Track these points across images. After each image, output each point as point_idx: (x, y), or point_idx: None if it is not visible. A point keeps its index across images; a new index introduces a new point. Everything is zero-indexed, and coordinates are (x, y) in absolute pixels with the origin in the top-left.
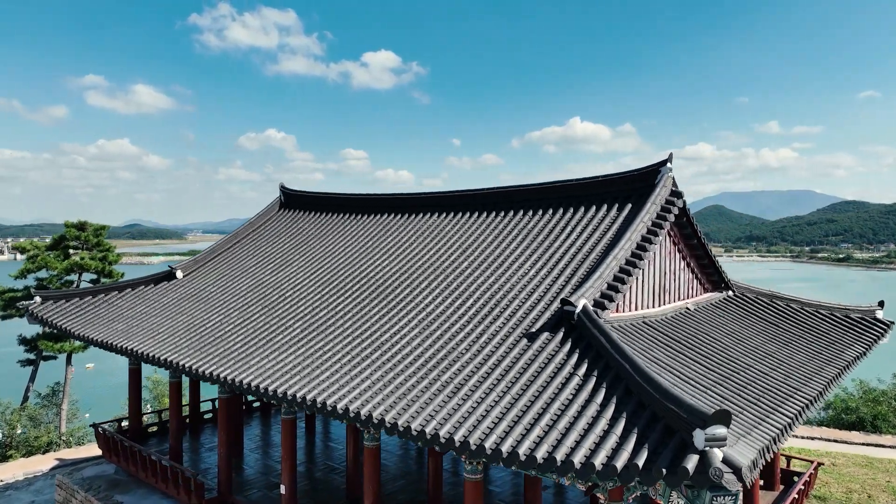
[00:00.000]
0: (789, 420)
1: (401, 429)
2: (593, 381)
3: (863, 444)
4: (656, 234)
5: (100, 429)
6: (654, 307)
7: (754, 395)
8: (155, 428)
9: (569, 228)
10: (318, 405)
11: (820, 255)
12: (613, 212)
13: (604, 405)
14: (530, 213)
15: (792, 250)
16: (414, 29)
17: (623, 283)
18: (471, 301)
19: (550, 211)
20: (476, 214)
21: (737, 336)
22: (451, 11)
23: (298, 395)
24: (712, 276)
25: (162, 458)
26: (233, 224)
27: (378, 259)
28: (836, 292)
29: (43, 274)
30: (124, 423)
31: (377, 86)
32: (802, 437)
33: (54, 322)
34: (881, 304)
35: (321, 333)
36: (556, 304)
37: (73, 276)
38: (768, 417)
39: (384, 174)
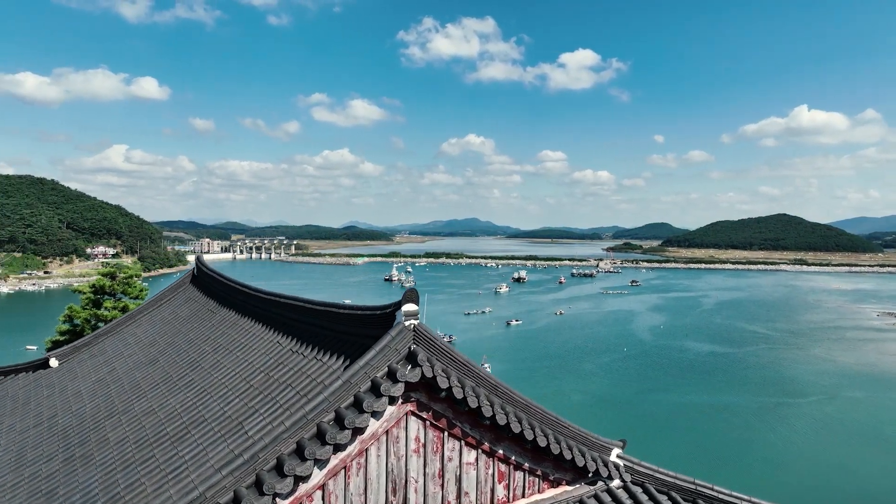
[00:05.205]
0: None
1: None
2: None
3: None
4: (320, 438)
5: None
6: None
7: None
8: None
9: (283, 378)
10: None
11: None
12: (339, 368)
13: None
14: (296, 341)
15: None
16: (613, 23)
17: None
18: None
19: (308, 346)
20: (266, 329)
21: None
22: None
23: None
24: (564, 463)
25: None
26: (436, 226)
27: (141, 395)
28: None
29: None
30: None
31: (574, 86)
32: None
33: None
34: None
35: None
36: None
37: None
38: None
39: (582, 175)
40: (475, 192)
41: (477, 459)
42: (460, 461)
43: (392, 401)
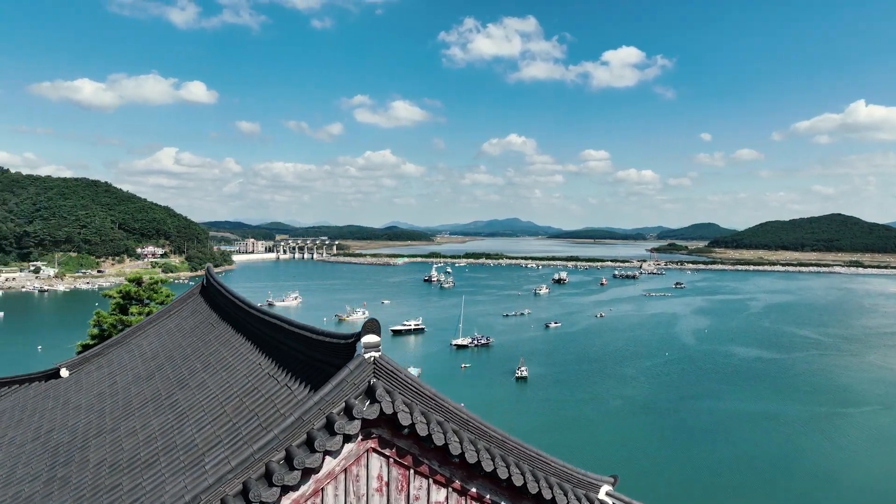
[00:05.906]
0: None
1: None
2: None
3: None
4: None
5: None
6: None
7: None
8: None
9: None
10: None
11: None
12: (303, 399)
13: None
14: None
15: None
16: (658, 19)
17: None
18: None
19: (283, 370)
20: (258, 353)
21: None
22: None
23: None
24: (544, 503)
25: None
26: (477, 226)
27: (130, 413)
28: None
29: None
30: None
31: (618, 84)
32: None
33: None
34: None
35: None
36: None
37: None
38: None
39: (626, 174)
40: (516, 192)
41: (447, 498)
42: (428, 500)
43: (349, 438)
